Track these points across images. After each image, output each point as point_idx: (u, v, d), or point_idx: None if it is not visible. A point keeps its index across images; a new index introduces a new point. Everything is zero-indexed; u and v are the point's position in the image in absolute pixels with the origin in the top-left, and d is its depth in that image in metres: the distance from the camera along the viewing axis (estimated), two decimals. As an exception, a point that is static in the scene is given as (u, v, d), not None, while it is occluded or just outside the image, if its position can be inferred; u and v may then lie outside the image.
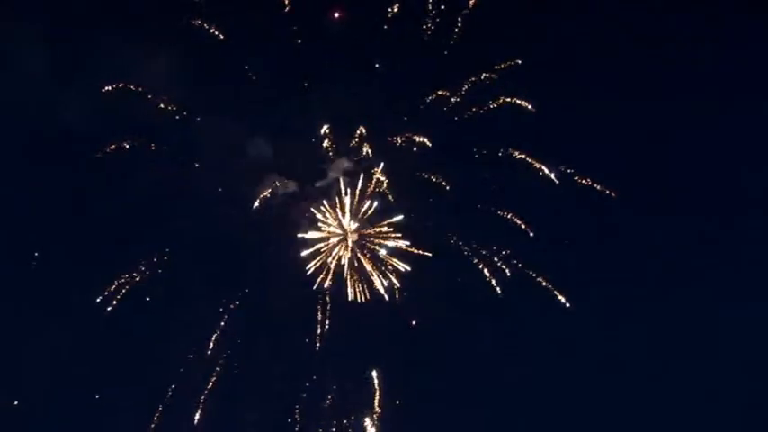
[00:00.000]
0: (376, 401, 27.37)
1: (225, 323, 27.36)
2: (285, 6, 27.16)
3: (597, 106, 27.89)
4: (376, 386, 27.53)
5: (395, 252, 28.07)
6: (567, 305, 27.20)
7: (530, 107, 27.21)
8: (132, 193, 27.24)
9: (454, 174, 27.78)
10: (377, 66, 27.87)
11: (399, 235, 28.06)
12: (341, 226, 28.19)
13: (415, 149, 27.95)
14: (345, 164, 28.19)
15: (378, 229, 28.19)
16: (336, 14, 27.61)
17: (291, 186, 28.39)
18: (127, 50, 26.74)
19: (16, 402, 26.06)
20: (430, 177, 27.83)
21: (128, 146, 27.13)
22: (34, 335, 26.49)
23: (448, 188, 27.77)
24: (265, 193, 27.89)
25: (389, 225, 28.12)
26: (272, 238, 28.31)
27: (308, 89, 28.10)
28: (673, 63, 27.96)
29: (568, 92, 27.76)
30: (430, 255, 27.96)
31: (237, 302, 27.63)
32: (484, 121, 27.70)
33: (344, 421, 27.56)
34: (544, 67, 27.28)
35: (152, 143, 27.57)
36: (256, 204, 27.68)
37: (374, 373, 27.63)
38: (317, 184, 28.40)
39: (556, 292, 27.24)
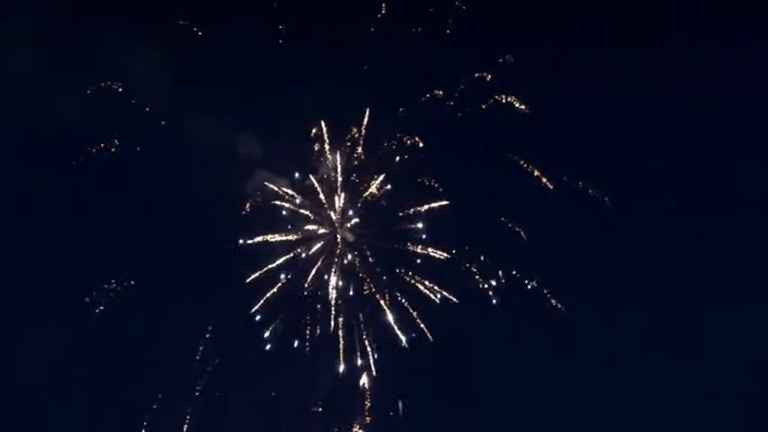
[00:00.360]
0: (366, 409, 27.22)
1: (213, 327, 27.14)
2: (273, 3, 27.11)
3: (593, 107, 27.77)
4: (367, 393, 27.23)
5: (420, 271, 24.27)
6: (562, 309, 26.99)
7: (523, 107, 26.98)
8: (121, 194, 27.23)
9: (448, 176, 27.50)
10: (366, 67, 27.58)
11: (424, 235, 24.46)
12: (330, 221, 26.27)
13: (406, 157, 27.60)
14: (337, 162, 27.75)
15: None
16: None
17: (282, 184, 28.05)
18: (115, 51, 26.59)
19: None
20: (424, 181, 27.51)
21: (113, 149, 26.96)
22: (23, 337, 26.17)
23: (441, 190, 27.46)
24: (256, 195, 27.69)
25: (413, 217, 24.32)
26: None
27: (301, 90, 27.74)
28: (670, 63, 27.87)
29: (564, 92, 27.62)
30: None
31: (227, 306, 27.32)
32: (478, 123, 27.49)
33: (335, 430, 27.37)
34: (539, 67, 27.20)
35: (141, 144, 27.37)
36: (247, 207, 27.49)
37: (365, 381, 27.35)
38: (308, 182, 27.96)
39: (549, 296, 27.02)
